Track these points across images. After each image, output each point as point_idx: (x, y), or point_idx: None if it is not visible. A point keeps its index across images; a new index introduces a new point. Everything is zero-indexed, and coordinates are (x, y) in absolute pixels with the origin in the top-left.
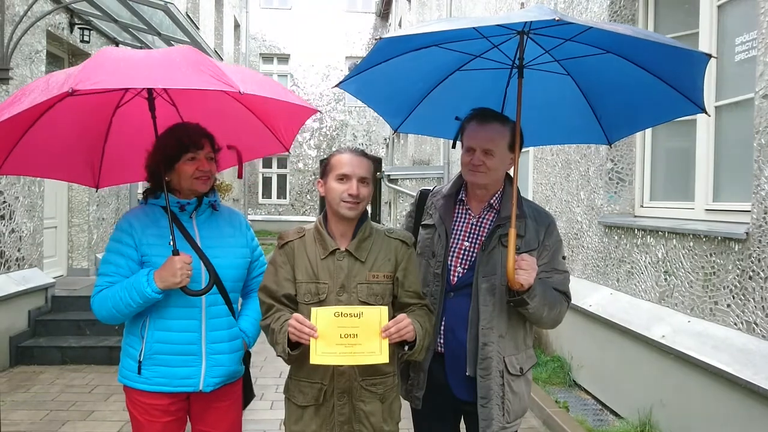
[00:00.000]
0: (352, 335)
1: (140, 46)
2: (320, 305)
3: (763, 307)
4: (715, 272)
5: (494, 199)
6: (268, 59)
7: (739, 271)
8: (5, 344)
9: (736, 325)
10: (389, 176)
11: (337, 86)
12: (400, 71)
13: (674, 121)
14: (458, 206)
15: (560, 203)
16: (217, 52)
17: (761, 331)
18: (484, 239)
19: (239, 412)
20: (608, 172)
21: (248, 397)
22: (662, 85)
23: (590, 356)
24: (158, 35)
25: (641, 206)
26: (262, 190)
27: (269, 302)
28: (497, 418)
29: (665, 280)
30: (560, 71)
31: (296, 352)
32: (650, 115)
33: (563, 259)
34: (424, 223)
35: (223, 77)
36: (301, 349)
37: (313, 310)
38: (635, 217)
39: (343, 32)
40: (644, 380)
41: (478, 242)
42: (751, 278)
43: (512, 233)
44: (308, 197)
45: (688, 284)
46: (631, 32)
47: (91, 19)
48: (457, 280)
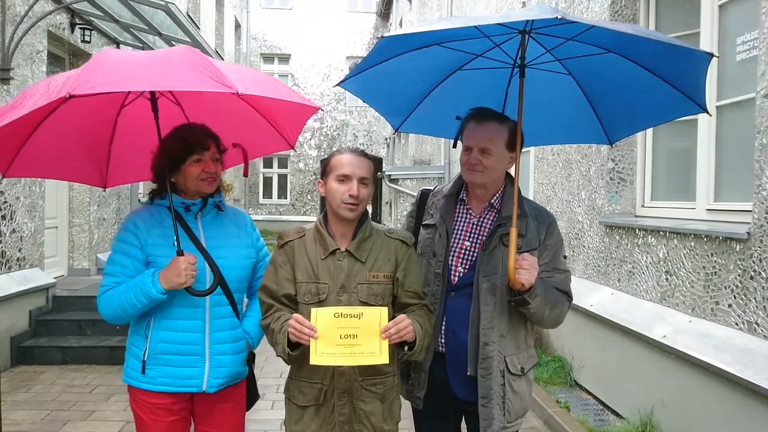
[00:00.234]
0: (351, 336)
1: (141, 46)
2: (320, 305)
3: (764, 307)
4: (716, 272)
5: (495, 198)
6: (268, 59)
7: (740, 271)
8: (6, 344)
9: (737, 325)
10: (390, 176)
11: (338, 85)
12: (401, 70)
13: (675, 121)
14: (459, 206)
15: (561, 203)
16: (217, 52)
17: (762, 331)
18: (485, 239)
19: (243, 413)
20: (609, 171)
21: (252, 398)
22: (663, 84)
23: (591, 356)
24: (159, 35)
25: (642, 206)
26: (262, 190)
27: (269, 302)
28: (498, 417)
29: (666, 280)
30: (561, 71)
31: (296, 352)
32: (651, 114)
33: (564, 258)
34: (424, 222)
35: (221, 78)
36: (300, 349)
37: (312, 310)
38: (636, 216)
39: (343, 32)
40: (645, 380)
41: (479, 242)
42: (752, 278)
43: (513, 232)
44: (309, 197)
45: (689, 284)
46: (632, 31)
47: (92, 19)
48: (457, 279)
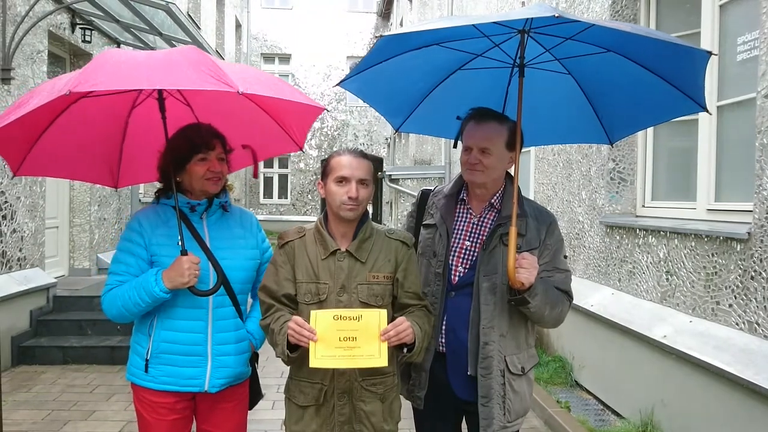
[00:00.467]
0: (351, 338)
1: (142, 46)
2: (320, 305)
3: (765, 307)
4: (716, 272)
5: (495, 198)
6: (269, 59)
7: (740, 271)
8: (7, 344)
9: (737, 325)
10: (390, 176)
11: (338, 85)
12: (401, 70)
13: (676, 120)
14: (459, 206)
15: (562, 203)
16: (218, 52)
17: (763, 331)
18: (485, 238)
19: (245, 413)
20: (610, 171)
21: (255, 397)
22: (663, 83)
23: (592, 356)
24: (160, 35)
25: (643, 206)
26: (263, 189)
27: (269, 302)
28: (498, 417)
29: (667, 280)
30: (561, 70)
31: (295, 354)
32: (651, 114)
33: (565, 258)
34: (425, 222)
35: (223, 77)
36: (300, 351)
37: (312, 312)
38: (637, 216)
39: (344, 32)
40: (646, 380)
41: (479, 242)
42: (753, 278)
43: (513, 231)
44: (309, 197)
45: (689, 284)
46: (630, 29)
47: (92, 19)
48: (458, 279)
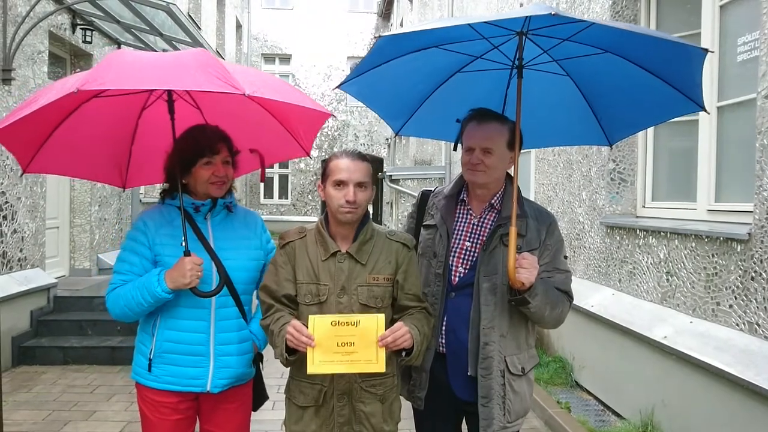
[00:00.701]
0: (349, 344)
1: (142, 47)
2: (321, 306)
3: (765, 307)
4: (717, 273)
5: (495, 199)
6: (269, 59)
7: (741, 271)
8: (7, 344)
9: (738, 325)
10: (391, 176)
11: (338, 87)
12: (400, 73)
13: (676, 121)
14: (459, 206)
15: (562, 204)
16: (218, 52)
17: (763, 331)
18: (485, 239)
19: (247, 414)
20: (610, 172)
21: (260, 399)
22: (661, 83)
23: (592, 357)
24: (160, 36)
25: (643, 207)
26: (263, 190)
27: (269, 302)
28: (498, 417)
29: (667, 280)
30: (559, 72)
31: (293, 358)
32: (650, 114)
33: (565, 258)
34: (425, 223)
35: (229, 80)
36: (298, 355)
37: (310, 318)
38: (637, 217)
39: (344, 32)
40: (646, 381)
41: (479, 242)
42: (753, 279)
43: (513, 231)
44: (310, 197)
45: (690, 285)
46: (627, 28)
47: (93, 19)
48: (458, 280)
